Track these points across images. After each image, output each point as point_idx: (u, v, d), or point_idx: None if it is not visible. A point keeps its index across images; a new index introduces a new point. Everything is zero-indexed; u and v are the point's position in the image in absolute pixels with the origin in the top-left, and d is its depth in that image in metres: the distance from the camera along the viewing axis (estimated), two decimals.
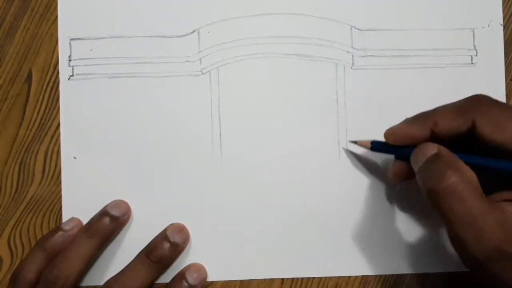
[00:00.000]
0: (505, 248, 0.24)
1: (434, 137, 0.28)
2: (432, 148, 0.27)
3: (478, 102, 0.27)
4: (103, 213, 0.32)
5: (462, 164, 0.26)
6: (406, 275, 0.34)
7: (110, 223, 0.32)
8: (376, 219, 0.33)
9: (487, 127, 0.26)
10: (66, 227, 0.32)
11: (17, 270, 0.32)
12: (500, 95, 0.34)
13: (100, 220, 0.32)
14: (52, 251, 0.32)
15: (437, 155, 0.27)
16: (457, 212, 0.25)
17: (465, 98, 0.28)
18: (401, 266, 0.33)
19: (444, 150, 0.27)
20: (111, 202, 0.33)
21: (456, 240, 0.25)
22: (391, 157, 0.31)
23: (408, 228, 0.33)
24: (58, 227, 0.33)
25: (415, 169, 0.28)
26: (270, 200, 0.34)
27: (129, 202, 0.33)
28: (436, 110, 0.28)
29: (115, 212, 0.32)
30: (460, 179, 0.25)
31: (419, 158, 0.27)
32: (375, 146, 0.31)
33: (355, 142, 0.33)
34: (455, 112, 0.27)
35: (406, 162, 0.29)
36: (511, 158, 0.26)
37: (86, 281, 0.33)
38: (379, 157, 0.34)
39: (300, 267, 0.34)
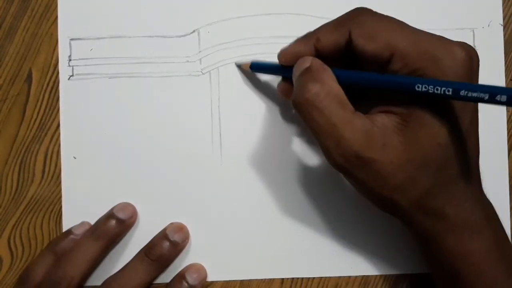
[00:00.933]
0: (364, 154, 0.25)
1: (320, 54, 0.27)
2: (306, 62, 0.27)
3: (356, 14, 0.27)
4: (110, 215, 0.32)
5: (326, 76, 0.26)
6: (406, 275, 0.34)
7: (116, 226, 0.32)
8: (376, 219, 0.33)
9: (360, 38, 0.26)
10: (77, 232, 0.32)
11: (26, 271, 0.32)
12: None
13: (106, 223, 0.32)
14: (62, 254, 0.32)
15: (307, 69, 0.27)
16: (318, 122, 0.25)
17: (346, 12, 0.27)
18: (401, 266, 0.33)
19: (316, 63, 0.27)
20: (117, 205, 0.33)
21: (322, 148, 0.26)
22: None
23: None
24: (69, 231, 0.33)
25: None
26: (270, 200, 0.34)
27: (128, 202, 0.33)
28: (319, 27, 0.28)
29: (121, 215, 0.32)
30: (319, 91, 0.25)
31: (295, 73, 0.27)
32: (255, 66, 0.32)
33: (239, 66, 0.33)
34: (334, 26, 0.27)
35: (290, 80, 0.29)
36: (384, 69, 0.26)
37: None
38: None
39: (300, 267, 0.34)
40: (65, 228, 0.34)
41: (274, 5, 0.34)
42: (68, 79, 0.34)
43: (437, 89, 0.23)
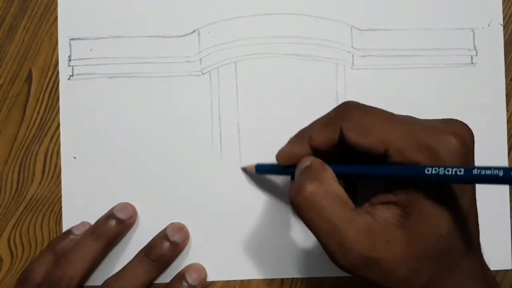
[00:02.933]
0: (369, 254, 0.24)
1: (318, 152, 0.27)
2: (306, 161, 0.27)
3: (344, 108, 0.27)
4: (109, 215, 0.32)
5: (326, 175, 0.26)
6: None
7: (116, 226, 0.32)
8: None
9: (352, 134, 0.26)
10: (77, 232, 0.33)
11: (26, 271, 0.32)
12: (500, 95, 0.34)
13: (106, 223, 0.32)
14: (62, 254, 0.32)
15: (307, 168, 0.26)
16: (318, 222, 0.25)
17: (335, 107, 0.27)
18: None
19: (317, 162, 0.27)
20: (117, 205, 0.33)
21: (324, 249, 0.25)
22: None
23: None
24: (69, 231, 0.33)
25: None
26: (270, 200, 0.34)
27: (128, 202, 0.33)
28: (311, 125, 0.28)
29: (121, 215, 0.32)
30: (317, 190, 0.25)
31: (296, 172, 0.27)
32: (260, 169, 0.32)
33: (244, 169, 0.33)
34: (325, 124, 0.27)
35: None
36: (383, 160, 0.25)
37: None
38: None
39: (300, 267, 0.34)
40: (65, 228, 0.34)
41: (274, 5, 0.34)
42: (68, 79, 0.34)
43: (448, 171, 0.23)
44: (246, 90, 0.34)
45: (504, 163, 0.34)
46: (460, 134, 0.25)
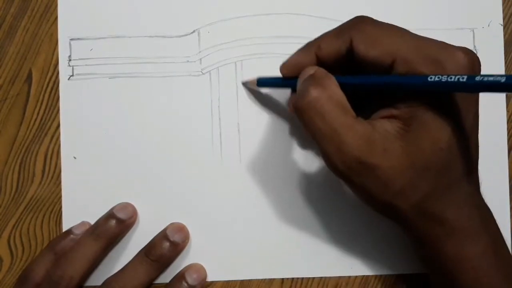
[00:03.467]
0: (365, 159, 0.24)
1: (322, 63, 0.28)
2: (310, 70, 0.27)
3: (356, 21, 0.27)
4: (110, 215, 0.32)
5: (329, 82, 0.26)
6: (406, 275, 0.34)
7: (116, 226, 0.32)
8: (376, 219, 0.33)
9: (361, 44, 0.26)
10: (77, 231, 0.33)
11: (26, 271, 0.32)
12: (500, 95, 0.34)
13: (106, 223, 0.32)
14: (62, 254, 0.32)
15: (311, 75, 0.27)
16: (319, 126, 0.25)
17: (348, 20, 0.28)
18: (401, 266, 0.33)
19: (320, 71, 0.27)
20: (117, 205, 0.33)
21: (322, 154, 0.26)
22: None
23: None
24: (69, 230, 0.33)
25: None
26: (270, 200, 0.34)
27: (128, 202, 0.33)
28: (321, 35, 0.28)
29: (121, 215, 0.32)
30: (320, 95, 0.25)
31: (299, 81, 0.27)
32: (262, 82, 0.31)
33: (245, 84, 0.33)
34: (335, 34, 0.27)
35: None
36: (388, 74, 0.26)
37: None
38: None
39: (300, 267, 0.34)
40: (65, 228, 0.34)
41: (274, 5, 0.34)
42: (68, 79, 0.34)
43: (450, 78, 0.23)
44: (246, 90, 0.34)
45: (504, 163, 0.34)
46: (469, 52, 0.25)
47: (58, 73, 0.34)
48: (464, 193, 0.26)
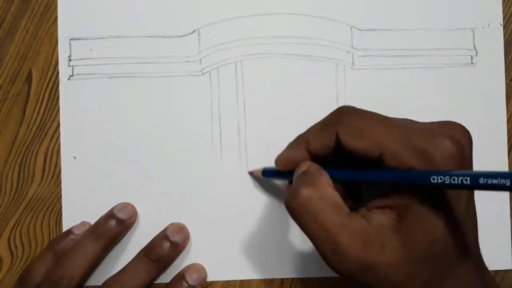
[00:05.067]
0: (364, 260, 0.24)
1: (315, 157, 0.28)
2: (303, 166, 0.27)
3: (340, 113, 0.27)
4: (110, 215, 0.32)
5: (322, 180, 0.26)
6: None
7: (116, 226, 0.32)
8: None
9: (347, 137, 0.26)
10: (77, 231, 0.33)
11: (26, 271, 0.32)
12: (500, 95, 0.34)
13: (106, 223, 0.32)
14: (62, 254, 0.32)
15: (303, 172, 0.27)
16: (312, 227, 0.25)
17: (331, 112, 0.28)
18: None
19: (313, 167, 0.27)
20: (117, 205, 0.33)
21: (319, 254, 0.25)
22: None
23: None
24: (69, 230, 0.33)
25: None
26: (270, 200, 0.34)
27: (129, 202, 0.33)
28: (308, 130, 0.28)
29: (121, 215, 0.32)
30: (311, 195, 0.25)
31: (294, 177, 0.27)
32: (267, 173, 0.32)
33: (251, 173, 0.33)
34: (321, 128, 0.27)
35: None
36: (379, 164, 0.25)
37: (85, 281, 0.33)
38: None
39: (300, 267, 0.34)
40: (65, 228, 0.34)
41: (274, 5, 0.34)
42: (68, 79, 0.34)
43: (453, 179, 0.22)
44: (246, 90, 0.34)
45: (504, 163, 0.34)
46: (456, 138, 0.24)
47: (58, 73, 0.34)
48: (463, 277, 0.25)
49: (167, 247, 0.32)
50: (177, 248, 0.32)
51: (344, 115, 0.27)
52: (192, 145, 0.34)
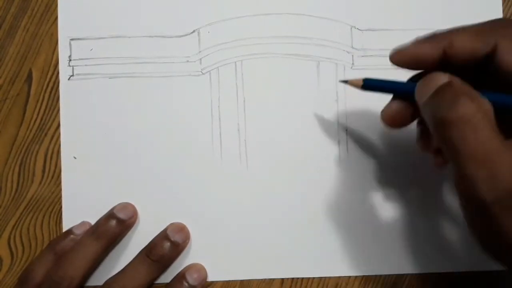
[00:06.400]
0: None
1: (446, 63, 0.24)
2: (443, 77, 0.23)
3: (502, 24, 0.24)
4: (110, 215, 0.32)
5: (478, 94, 0.23)
6: (406, 275, 0.34)
7: (116, 226, 0.32)
8: (376, 219, 0.33)
9: (510, 54, 0.22)
10: (77, 231, 0.33)
11: (26, 271, 0.32)
12: None
13: (106, 223, 0.32)
14: (62, 254, 0.32)
15: (449, 84, 0.23)
16: (471, 145, 0.21)
17: (486, 21, 0.24)
18: (401, 266, 0.33)
19: (457, 80, 0.23)
20: (118, 205, 0.33)
21: (465, 178, 0.22)
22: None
23: (409, 228, 0.33)
24: (69, 230, 0.33)
25: (421, 102, 0.24)
26: (270, 200, 0.34)
27: (129, 202, 0.33)
28: (454, 30, 0.24)
29: (121, 215, 0.32)
30: (476, 109, 0.22)
31: (427, 89, 0.24)
32: (368, 83, 0.27)
33: (345, 82, 0.29)
34: (475, 33, 0.24)
35: (404, 102, 0.26)
36: None
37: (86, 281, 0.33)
38: (381, 154, 0.34)
39: (300, 267, 0.34)
40: (65, 228, 0.34)
41: (274, 5, 0.34)
42: (68, 79, 0.34)
43: None
44: (246, 90, 0.34)
45: None
46: None
47: (58, 73, 0.34)
48: None
49: (167, 247, 0.32)
50: (178, 248, 0.32)
51: (506, 28, 0.23)
52: (192, 145, 0.34)
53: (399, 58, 0.25)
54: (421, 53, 0.25)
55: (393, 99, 0.27)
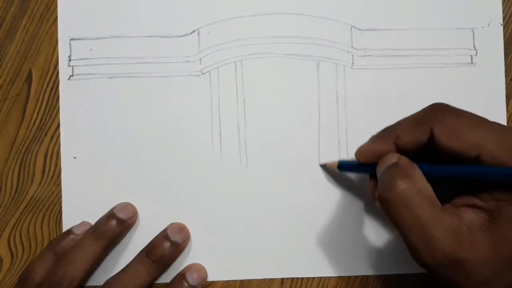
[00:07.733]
0: (454, 255, 0.24)
1: (400, 151, 0.28)
2: (393, 158, 0.27)
3: (435, 110, 0.27)
4: (110, 215, 0.32)
5: (416, 173, 0.26)
6: (406, 275, 0.34)
7: (116, 226, 0.32)
8: (376, 219, 0.33)
9: (443, 136, 0.26)
10: (77, 231, 0.33)
11: (26, 271, 0.32)
12: (500, 95, 0.34)
13: (106, 223, 0.32)
14: (62, 254, 0.32)
15: (394, 165, 0.27)
16: (407, 220, 0.25)
17: (424, 108, 0.28)
18: (401, 266, 0.33)
19: (403, 160, 0.27)
20: (118, 205, 0.33)
21: (409, 246, 0.25)
22: None
23: None
24: (69, 230, 0.33)
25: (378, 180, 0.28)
26: (270, 200, 0.34)
27: (129, 202, 0.33)
28: (397, 124, 0.28)
29: (121, 215, 0.32)
30: (409, 187, 0.25)
31: (379, 169, 0.28)
32: (342, 166, 0.32)
33: (324, 166, 0.33)
34: (414, 124, 0.27)
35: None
36: (471, 164, 0.26)
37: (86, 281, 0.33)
38: None
39: (300, 267, 0.34)
40: (65, 228, 0.34)
41: (274, 5, 0.34)
42: (68, 79, 0.34)
43: None
44: (246, 90, 0.34)
45: None
46: None
47: (58, 73, 0.34)
48: None
49: (167, 247, 0.32)
50: (178, 248, 0.32)
51: (439, 113, 0.27)
52: (192, 145, 0.34)
53: (361, 156, 0.29)
54: (377, 149, 0.28)
55: (370, 176, 0.30)
